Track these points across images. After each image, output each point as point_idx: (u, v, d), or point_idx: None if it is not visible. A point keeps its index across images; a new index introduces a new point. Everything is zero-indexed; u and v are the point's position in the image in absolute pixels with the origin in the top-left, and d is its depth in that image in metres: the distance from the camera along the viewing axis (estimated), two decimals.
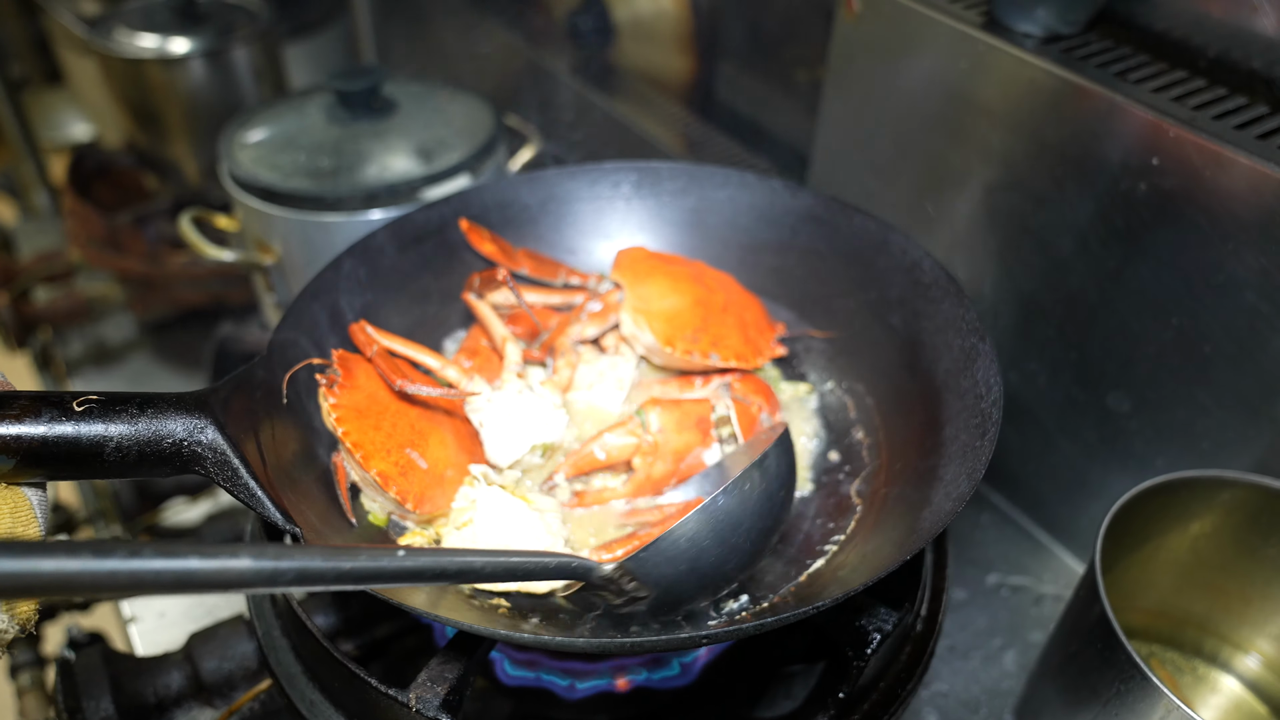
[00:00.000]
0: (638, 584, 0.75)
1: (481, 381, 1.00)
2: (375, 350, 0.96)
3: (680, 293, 1.08)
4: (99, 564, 0.45)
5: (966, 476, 0.80)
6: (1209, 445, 1.10)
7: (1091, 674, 0.92)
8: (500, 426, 0.96)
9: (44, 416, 0.70)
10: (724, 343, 1.06)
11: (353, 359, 0.95)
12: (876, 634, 0.83)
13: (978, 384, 0.88)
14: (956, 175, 1.26)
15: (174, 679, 1.02)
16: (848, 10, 1.31)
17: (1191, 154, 0.99)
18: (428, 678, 0.77)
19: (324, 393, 0.90)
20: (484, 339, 1.08)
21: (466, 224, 1.13)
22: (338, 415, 0.89)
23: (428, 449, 0.93)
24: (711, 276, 1.12)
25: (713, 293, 1.10)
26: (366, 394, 0.92)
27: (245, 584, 0.50)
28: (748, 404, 1.02)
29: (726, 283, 1.13)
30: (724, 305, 1.09)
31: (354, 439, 0.88)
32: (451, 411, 0.99)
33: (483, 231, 1.14)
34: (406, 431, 0.92)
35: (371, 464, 0.88)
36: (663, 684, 0.98)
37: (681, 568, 0.77)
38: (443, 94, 1.55)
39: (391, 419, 0.92)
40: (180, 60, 1.81)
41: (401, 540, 0.91)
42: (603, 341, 1.10)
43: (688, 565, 0.77)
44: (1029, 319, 1.24)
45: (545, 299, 1.12)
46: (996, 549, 1.34)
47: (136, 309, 1.98)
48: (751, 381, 1.05)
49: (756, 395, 1.03)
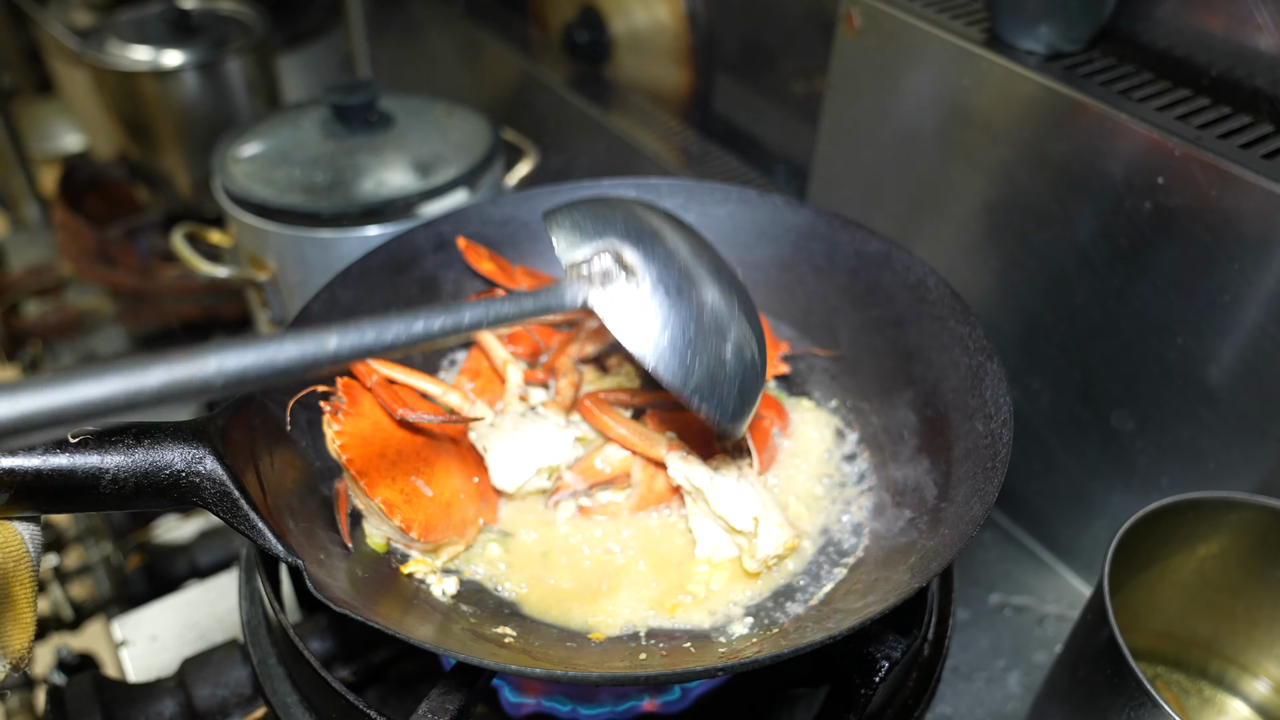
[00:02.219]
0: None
1: (484, 406, 0.98)
2: (375, 380, 0.95)
3: None
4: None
5: (979, 499, 0.79)
6: (1214, 465, 1.09)
7: (1100, 699, 0.90)
8: (505, 451, 0.95)
9: (38, 449, 0.68)
10: None
11: (357, 385, 0.94)
12: (885, 662, 0.82)
13: (986, 404, 0.87)
14: (958, 192, 1.25)
15: (166, 706, 1.00)
16: (848, 26, 1.30)
17: (1197, 173, 0.99)
18: (428, 709, 0.76)
19: (328, 419, 0.89)
20: (485, 360, 1.07)
21: (464, 242, 1.12)
22: (342, 443, 0.87)
23: (433, 476, 0.91)
24: None
25: None
26: (371, 421, 0.91)
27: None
28: (759, 417, 1.01)
29: None
30: None
31: (358, 466, 0.86)
32: (457, 438, 0.98)
33: (480, 250, 1.13)
34: (412, 459, 0.91)
35: (376, 491, 0.86)
36: (666, 709, 0.96)
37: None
38: (439, 108, 1.54)
39: (397, 446, 0.90)
40: (173, 72, 1.80)
41: (404, 569, 0.90)
42: (606, 360, 1.09)
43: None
44: (1031, 337, 1.23)
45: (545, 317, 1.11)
46: (999, 568, 1.33)
47: (127, 322, 1.96)
48: (762, 396, 1.04)
49: (767, 409, 1.02)
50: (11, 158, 2.43)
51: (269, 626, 0.91)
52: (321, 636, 1.02)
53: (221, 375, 0.52)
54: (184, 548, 1.47)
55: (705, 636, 0.87)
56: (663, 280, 0.75)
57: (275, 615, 0.83)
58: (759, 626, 0.86)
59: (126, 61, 1.80)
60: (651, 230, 0.79)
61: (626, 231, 0.77)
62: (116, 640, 1.24)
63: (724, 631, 0.87)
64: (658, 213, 0.84)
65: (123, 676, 1.20)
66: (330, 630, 1.02)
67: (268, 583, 0.84)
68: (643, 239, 0.77)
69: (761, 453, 0.99)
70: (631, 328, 0.74)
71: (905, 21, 1.22)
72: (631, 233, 0.78)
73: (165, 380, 0.49)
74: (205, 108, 1.86)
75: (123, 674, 1.21)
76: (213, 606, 1.28)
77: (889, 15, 1.24)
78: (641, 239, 0.77)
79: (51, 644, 1.43)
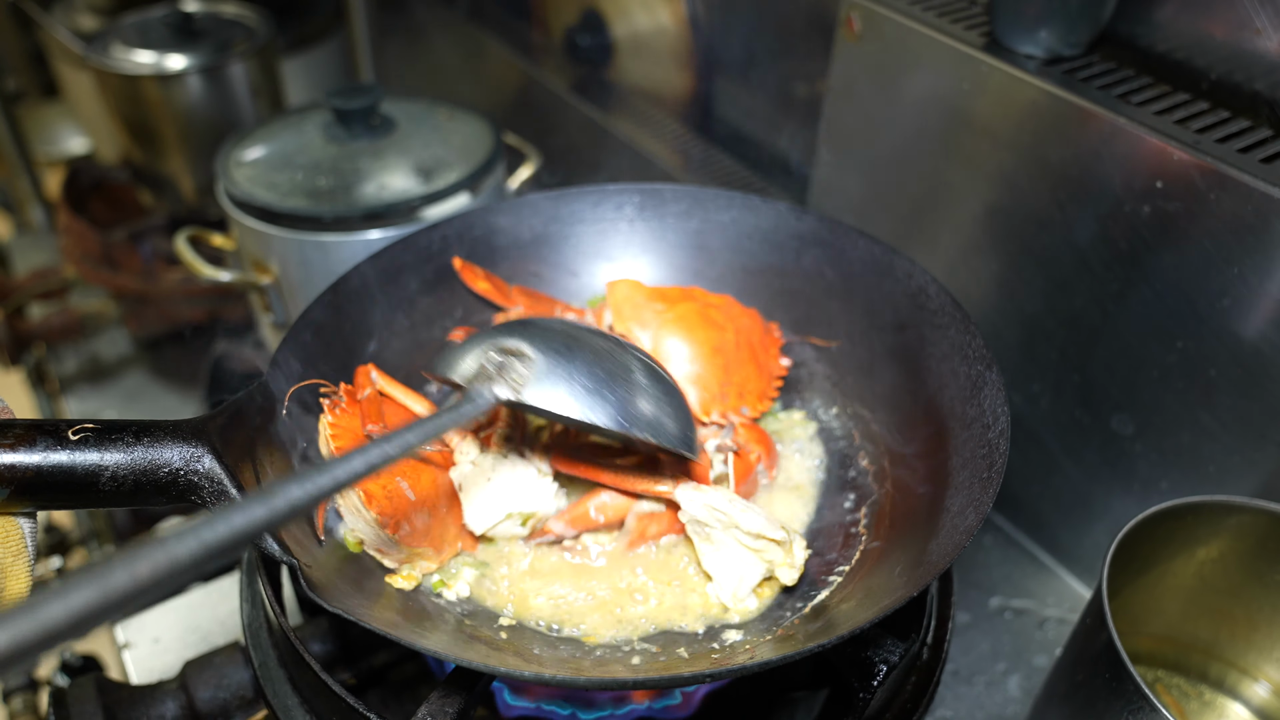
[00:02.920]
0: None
1: (471, 442, 0.96)
2: (367, 394, 0.95)
3: (696, 342, 1.06)
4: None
5: (973, 509, 0.79)
6: (1214, 469, 1.09)
7: (1098, 703, 0.90)
8: (478, 491, 0.94)
9: (39, 445, 0.69)
10: (748, 388, 1.05)
11: (356, 392, 0.94)
12: (883, 665, 0.82)
13: (984, 413, 0.87)
14: (958, 196, 1.25)
15: (169, 708, 1.01)
16: (848, 30, 1.30)
17: (1196, 177, 0.99)
18: (428, 712, 0.76)
19: (325, 414, 0.89)
20: None
21: (460, 262, 1.12)
22: (333, 432, 0.88)
23: (419, 483, 0.91)
24: (715, 308, 1.10)
25: (723, 330, 1.07)
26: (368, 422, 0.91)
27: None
28: (747, 451, 1.00)
29: (728, 309, 1.11)
30: (735, 341, 1.07)
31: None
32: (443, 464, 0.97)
33: (477, 270, 1.13)
34: (403, 463, 0.91)
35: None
36: (665, 714, 0.96)
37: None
38: (441, 112, 1.55)
39: None
40: (177, 76, 1.80)
41: (389, 580, 0.90)
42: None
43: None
44: (1031, 340, 1.23)
45: None
46: (999, 571, 1.33)
47: (131, 326, 1.97)
48: (755, 431, 1.03)
49: (758, 445, 1.01)
50: (16, 161, 2.44)
51: (270, 629, 0.91)
52: (322, 639, 1.02)
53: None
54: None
55: (699, 641, 0.87)
56: (550, 344, 0.79)
57: (276, 618, 0.84)
58: (753, 632, 0.87)
59: (130, 65, 1.80)
60: (520, 321, 0.86)
61: (498, 331, 0.82)
62: (119, 643, 1.24)
63: (718, 637, 0.87)
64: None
65: (125, 678, 1.21)
66: (331, 633, 1.03)
67: (269, 586, 0.84)
68: (514, 327, 0.82)
69: (740, 484, 0.97)
70: (546, 396, 0.76)
71: (905, 25, 1.23)
72: (503, 329, 0.82)
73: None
74: (208, 111, 1.87)
75: (125, 676, 1.22)
76: (215, 609, 1.29)
77: (889, 19, 1.24)
78: (513, 328, 0.82)
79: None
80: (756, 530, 0.87)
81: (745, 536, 0.88)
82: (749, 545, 0.89)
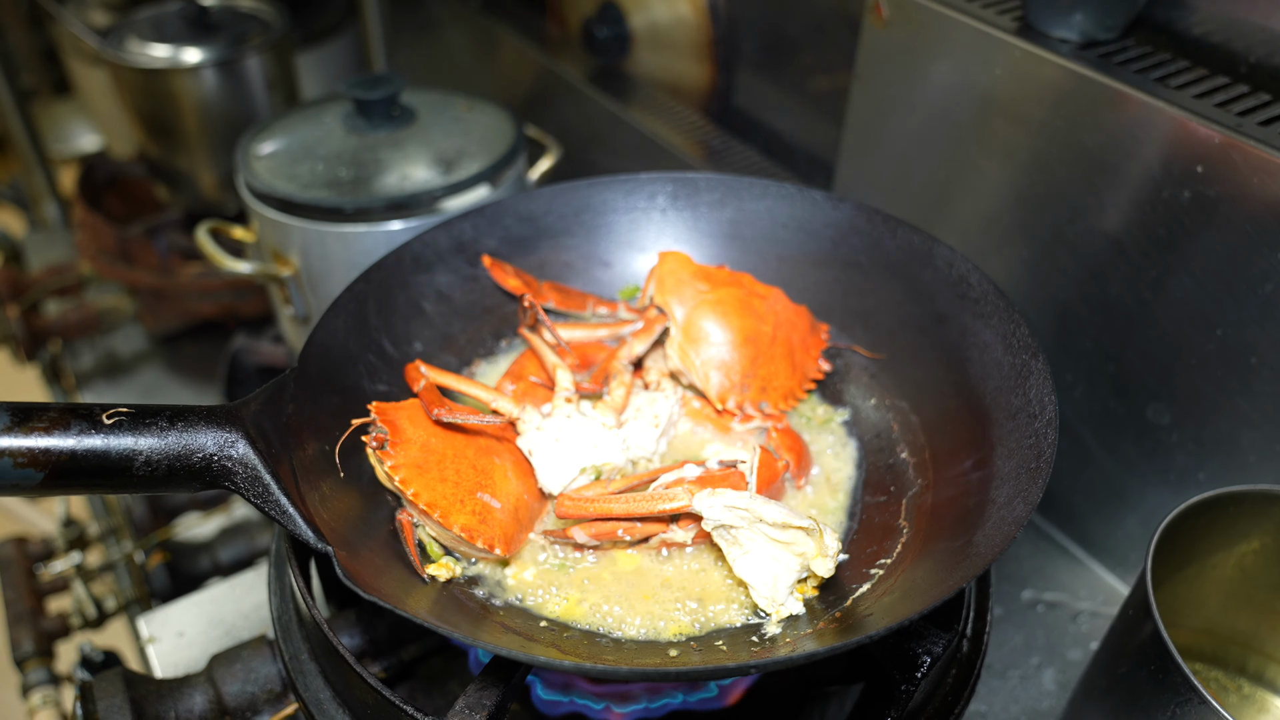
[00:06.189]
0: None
1: (532, 410, 0.96)
2: (423, 385, 0.94)
3: (729, 328, 1.04)
4: None
5: (1021, 499, 0.77)
6: (1254, 459, 1.07)
7: (1144, 696, 0.89)
8: (549, 453, 0.94)
9: (73, 429, 0.68)
10: (773, 384, 1.04)
11: (390, 409, 0.91)
12: (927, 657, 0.80)
13: (1030, 403, 0.85)
14: (988, 183, 1.24)
15: (196, 702, 0.99)
16: (876, 16, 1.29)
17: (1238, 161, 0.97)
18: (465, 705, 0.74)
19: (376, 455, 0.87)
20: (529, 364, 1.05)
21: (489, 260, 1.11)
22: (401, 477, 0.85)
23: (496, 487, 0.89)
24: (760, 298, 1.08)
25: (761, 321, 1.06)
26: (419, 445, 0.89)
27: None
28: (776, 457, 0.98)
29: (774, 301, 1.09)
30: (772, 336, 1.05)
31: (426, 499, 0.85)
32: (501, 438, 0.96)
33: (506, 267, 1.12)
34: (470, 474, 0.89)
35: (453, 520, 0.85)
36: (700, 705, 0.95)
37: None
38: (461, 103, 1.53)
39: (453, 465, 0.89)
40: (192, 70, 1.79)
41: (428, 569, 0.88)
42: (645, 376, 1.07)
43: None
44: (1065, 329, 1.22)
45: (591, 334, 1.09)
46: (1031, 564, 1.31)
47: (147, 321, 1.96)
48: (789, 438, 1.01)
49: (789, 453, 0.99)
50: (30, 157, 2.43)
51: (300, 621, 0.90)
52: (351, 632, 1.01)
53: None
54: (205, 545, 1.46)
55: (738, 633, 0.86)
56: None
57: (308, 609, 0.82)
58: (793, 624, 0.85)
59: (146, 59, 1.79)
60: None
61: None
62: (144, 637, 1.23)
63: (757, 630, 0.86)
64: None
65: (149, 673, 1.20)
66: (360, 626, 1.01)
67: (300, 577, 0.83)
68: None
69: (764, 488, 0.93)
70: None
71: (935, 10, 1.21)
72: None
73: None
74: (224, 105, 1.85)
75: (149, 670, 1.21)
76: (239, 603, 1.28)
77: (918, 5, 1.23)
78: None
79: (75, 641, 1.42)
80: (781, 520, 0.85)
81: (772, 529, 0.86)
82: (778, 539, 0.86)
